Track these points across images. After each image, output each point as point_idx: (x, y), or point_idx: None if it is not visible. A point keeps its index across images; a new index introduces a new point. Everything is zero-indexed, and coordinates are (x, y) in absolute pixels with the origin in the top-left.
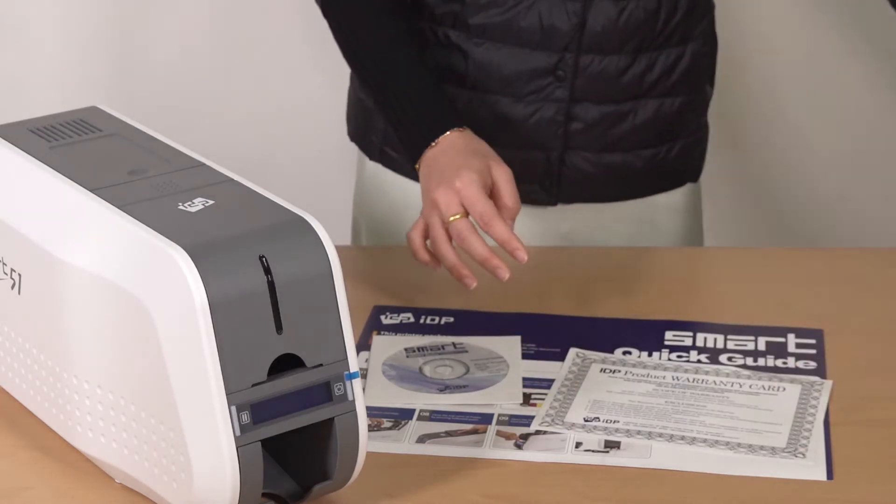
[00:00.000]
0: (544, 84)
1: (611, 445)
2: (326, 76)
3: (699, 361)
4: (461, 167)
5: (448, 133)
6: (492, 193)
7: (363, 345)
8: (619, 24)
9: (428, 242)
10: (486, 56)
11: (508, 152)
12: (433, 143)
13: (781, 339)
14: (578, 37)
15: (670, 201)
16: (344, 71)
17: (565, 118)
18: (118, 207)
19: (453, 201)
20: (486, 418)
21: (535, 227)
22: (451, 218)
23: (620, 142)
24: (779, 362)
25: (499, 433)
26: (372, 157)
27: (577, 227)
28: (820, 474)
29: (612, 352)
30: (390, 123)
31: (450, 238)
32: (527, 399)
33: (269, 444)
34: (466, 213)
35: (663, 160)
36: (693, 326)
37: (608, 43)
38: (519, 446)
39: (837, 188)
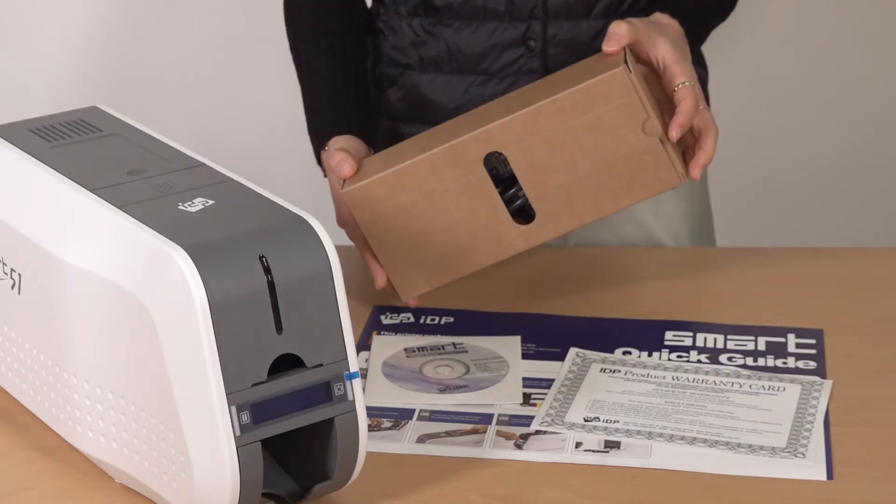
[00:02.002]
0: (516, 56)
1: (611, 445)
2: None
3: (699, 361)
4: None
5: (337, 138)
6: None
7: (363, 345)
8: None
9: None
10: (458, 36)
11: None
12: (325, 148)
13: (781, 339)
14: (544, 2)
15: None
16: None
17: None
18: (118, 207)
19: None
20: (486, 418)
21: None
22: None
23: None
24: (779, 362)
25: (499, 433)
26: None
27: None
28: (820, 474)
29: (612, 352)
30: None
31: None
32: (527, 399)
33: (269, 444)
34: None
35: None
36: (693, 326)
37: (575, 8)
38: (519, 446)
39: (837, 188)
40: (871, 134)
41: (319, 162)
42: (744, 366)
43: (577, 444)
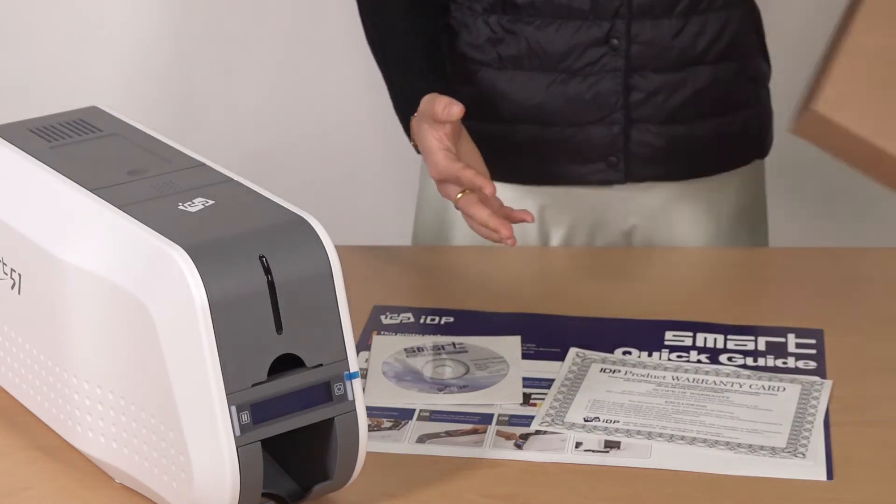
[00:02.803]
0: (599, 55)
1: (611, 445)
2: (328, 75)
3: (699, 361)
4: (421, 140)
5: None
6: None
7: (363, 345)
8: None
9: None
10: (539, 34)
11: (569, 131)
12: (415, 114)
13: (781, 339)
14: (628, 2)
15: (738, 185)
16: (345, 71)
17: (623, 88)
18: (118, 207)
19: (449, 191)
20: (486, 418)
21: (599, 218)
22: (459, 196)
23: (681, 111)
24: (779, 362)
25: (499, 433)
26: None
27: (641, 222)
28: (820, 474)
29: (612, 352)
30: (388, 90)
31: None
32: (527, 399)
33: (269, 444)
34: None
35: (728, 133)
36: (693, 326)
37: (658, 6)
38: (519, 446)
39: (836, 188)
40: None
41: (409, 134)
42: (744, 366)
43: (577, 444)
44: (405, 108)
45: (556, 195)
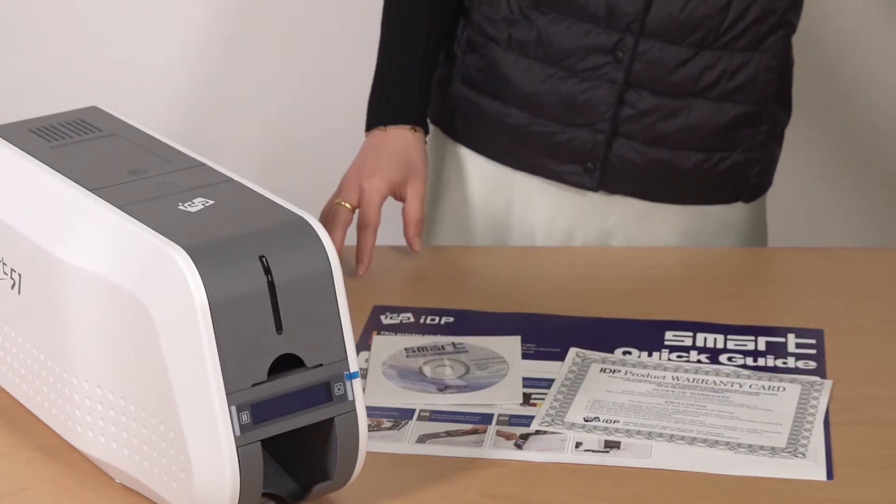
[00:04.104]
0: (602, 62)
1: (611, 445)
2: (329, 75)
3: (699, 361)
4: (379, 171)
5: (399, 127)
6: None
7: (363, 345)
8: (683, 13)
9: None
10: (551, 26)
11: (555, 127)
12: (383, 127)
13: (781, 339)
14: (642, 19)
15: (722, 218)
16: (346, 70)
17: (617, 101)
18: (118, 207)
19: (352, 193)
20: (486, 418)
21: (578, 216)
22: (339, 201)
23: (670, 137)
24: (779, 362)
25: (499, 433)
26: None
27: (620, 225)
28: (820, 474)
29: (612, 352)
30: (375, 77)
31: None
32: (527, 399)
33: (269, 444)
34: (354, 208)
35: (713, 170)
36: (693, 326)
37: (671, 31)
38: (519, 446)
39: (837, 188)
40: (871, 134)
41: (371, 125)
42: (744, 366)
43: (577, 444)
44: (378, 112)
45: (539, 186)
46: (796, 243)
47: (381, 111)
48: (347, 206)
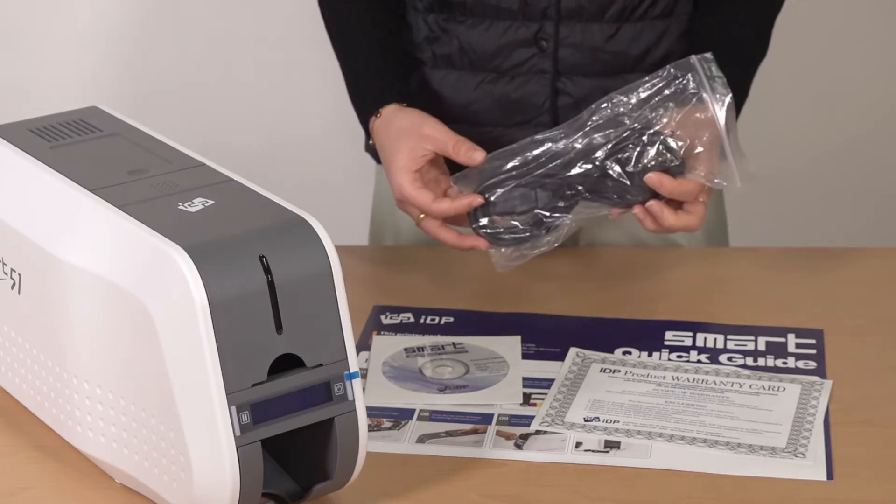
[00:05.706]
0: (527, 56)
1: (611, 445)
2: (328, 75)
3: (699, 361)
4: (393, 161)
5: (386, 108)
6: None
7: (363, 345)
8: None
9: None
10: (471, 32)
11: (496, 131)
12: (377, 114)
13: (781, 339)
14: (557, 3)
15: None
16: None
17: (551, 91)
18: (118, 207)
19: (403, 205)
20: (486, 418)
21: None
22: (416, 220)
23: None
24: (779, 362)
25: (499, 433)
26: None
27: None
28: (820, 474)
29: (612, 352)
30: (348, 90)
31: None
32: (527, 399)
33: (269, 444)
34: (421, 210)
35: None
36: (693, 326)
37: (588, 10)
38: (519, 446)
39: (837, 188)
40: (872, 134)
41: (367, 130)
42: (744, 366)
43: (577, 444)
44: (362, 108)
45: None
46: (795, 243)
47: (364, 103)
48: (419, 215)
